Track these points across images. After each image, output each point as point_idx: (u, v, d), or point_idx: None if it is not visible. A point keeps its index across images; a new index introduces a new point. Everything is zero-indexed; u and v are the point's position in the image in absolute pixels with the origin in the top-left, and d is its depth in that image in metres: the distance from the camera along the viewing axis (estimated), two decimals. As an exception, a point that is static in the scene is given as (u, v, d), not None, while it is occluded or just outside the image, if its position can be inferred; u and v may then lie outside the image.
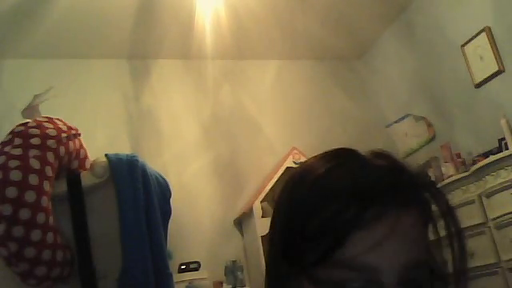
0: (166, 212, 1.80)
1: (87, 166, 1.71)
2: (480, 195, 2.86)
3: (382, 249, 0.47)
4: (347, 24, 4.04)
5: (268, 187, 3.65)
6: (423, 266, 0.49)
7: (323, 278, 0.47)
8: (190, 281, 3.19)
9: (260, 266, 3.38)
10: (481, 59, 3.30)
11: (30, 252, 1.40)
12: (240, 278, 3.49)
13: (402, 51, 4.13)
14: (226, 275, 3.51)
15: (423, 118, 3.91)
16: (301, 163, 0.59)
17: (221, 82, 4.15)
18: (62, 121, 1.69)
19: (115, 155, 1.70)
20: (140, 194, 1.65)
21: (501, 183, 2.68)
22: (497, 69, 3.19)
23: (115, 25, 3.51)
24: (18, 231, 1.39)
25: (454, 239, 0.52)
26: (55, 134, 1.58)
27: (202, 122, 4.00)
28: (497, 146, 3.02)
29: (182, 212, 3.34)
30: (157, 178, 1.80)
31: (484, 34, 3.26)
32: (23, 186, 1.42)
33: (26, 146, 1.50)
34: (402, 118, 4.11)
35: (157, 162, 3.10)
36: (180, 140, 3.89)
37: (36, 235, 1.41)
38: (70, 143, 1.64)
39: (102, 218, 1.61)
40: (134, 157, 1.73)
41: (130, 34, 3.64)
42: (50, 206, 1.49)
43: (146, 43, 3.81)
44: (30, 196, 1.42)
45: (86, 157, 1.74)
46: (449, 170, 3.24)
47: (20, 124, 1.60)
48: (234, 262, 3.56)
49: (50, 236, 1.44)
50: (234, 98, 4.14)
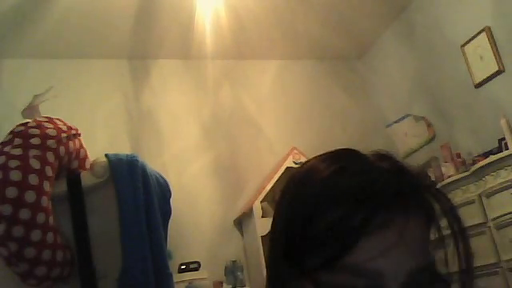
0: (166, 212, 1.80)
1: (87, 166, 1.71)
2: (480, 195, 2.86)
3: (389, 255, 0.47)
4: (347, 24, 4.04)
5: (268, 187, 3.65)
6: (427, 271, 0.49)
7: (326, 282, 0.47)
8: (190, 281, 3.19)
9: (260, 266, 3.38)
10: (481, 59, 3.30)
11: (30, 252, 1.40)
12: (240, 278, 3.49)
13: (402, 51, 4.13)
14: (226, 275, 3.51)
15: (423, 118, 3.91)
16: (302, 164, 0.59)
17: (221, 81, 4.15)
18: (61, 121, 1.69)
19: (115, 155, 1.70)
20: (140, 194, 1.65)
21: (501, 183, 2.68)
22: (497, 69, 3.19)
23: (115, 25, 3.52)
24: (18, 231, 1.39)
25: (459, 239, 0.52)
26: (55, 134, 1.58)
27: (202, 122, 4.00)
28: (497, 146, 3.02)
29: (182, 212, 3.34)
30: (157, 178, 1.80)
31: (484, 34, 3.26)
32: (23, 185, 1.42)
33: (26, 146, 1.50)
34: (402, 118, 4.11)
35: (157, 162, 3.10)
36: (180, 140, 3.89)
37: (36, 235, 1.41)
38: (70, 143, 1.64)
39: (102, 217, 1.61)
40: (134, 157, 1.73)
41: (130, 34, 3.65)
42: (50, 205, 1.49)
43: (145, 43, 3.81)
44: (30, 196, 1.42)
45: (86, 157, 1.74)
46: (449, 169, 3.24)
47: (20, 124, 1.60)
48: (234, 261, 3.56)
49: (49, 236, 1.44)
50: (234, 98, 4.13)
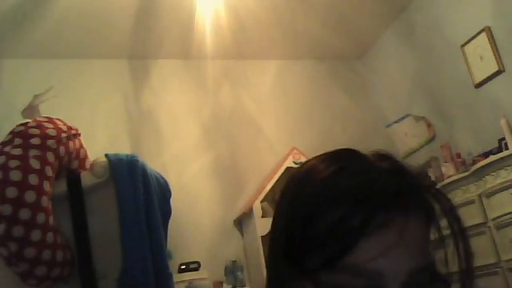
0: (166, 212, 1.80)
1: (87, 166, 1.71)
2: (480, 195, 2.86)
3: (389, 255, 0.47)
4: (347, 24, 4.04)
5: (268, 187, 3.65)
6: (427, 271, 0.49)
7: (326, 283, 0.47)
8: (190, 281, 3.19)
9: (260, 266, 3.38)
10: (481, 59, 3.30)
11: (30, 252, 1.40)
12: (240, 278, 3.49)
13: (402, 51, 4.13)
14: (226, 275, 3.51)
15: (423, 117, 3.91)
16: (302, 164, 0.59)
17: (221, 81, 4.15)
18: (62, 121, 1.69)
19: (115, 155, 1.70)
20: (140, 194, 1.65)
21: (501, 183, 2.68)
22: (497, 69, 3.19)
23: (115, 25, 3.52)
24: (18, 231, 1.39)
25: (459, 239, 0.52)
26: (55, 133, 1.58)
27: (202, 122, 4.00)
28: (497, 146, 3.02)
29: (182, 212, 3.34)
30: (157, 178, 1.80)
31: (484, 34, 3.26)
32: (23, 185, 1.42)
33: (26, 146, 1.50)
34: (402, 118, 4.11)
35: (157, 162, 3.10)
36: (180, 140, 3.89)
37: (36, 235, 1.41)
38: (70, 143, 1.64)
39: (102, 217, 1.61)
40: (134, 157, 1.73)
41: (129, 34, 3.64)
42: (50, 205, 1.49)
43: (145, 43, 3.81)
44: (30, 196, 1.42)
45: (86, 157, 1.74)
46: (449, 169, 3.24)
47: (20, 124, 1.60)
48: (234, 261, 3.56)
49: (49, 236, 1.44)
50: (234, 98, 4.13)
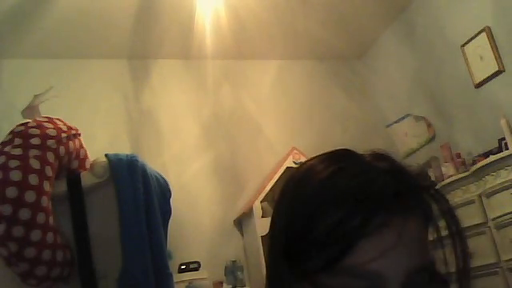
0: (166, 212, 1.80)
1: (87, 166, 1.71)
2: (480, 195, 2.86)
3: (389, 256, 0.47)
4: (347, 24, 4.04)
5: (268, 187, 3.64)
6: (426, 271, 0.49)
7: (326, 284, 0.47)
8: (190, 281, 3.19)
9: (260, 266, 3.38)
10: (481, 59, 3.30)
11: (30, 252, 1.40)
12: (240, 277, 3.49)
13: (402, 51, 4.13)
14: (226, 275, 3.51)
15: (423, 118, 3.91)
16: (300, 164, 0.59)
17: (221, 81, 4.15)
18: (62, 121, 1.69)
19: (115, 155, 1.70)
20: (140, 194, 1.65)
21: (501, 183, 2.68)
22: (497, 69, 3.19)
23: (115, 25, 3.51)
24: (18, 231, 1.39)
25: (457, 240, 0.52)
26: (55, 133, 1.58)
27: (202, 122, 4.00)
28: (497, 146, 3.02)
29: (181, 212, 3.34)
30: (157, 178, 1.80)
31: (484, 34, 3.26)
32: (23, 185, 1.42)
33: (26, 146, 1.50)
34: (402, 118, 4.11)
35: (157, 162, 3.10)
36: (180, 140, 3.89)
37: (36, 235, 1.41)
38: (70, 143, 1.64)
39: (102, 217, 1.61)
40: (134, 157, 1.73)
41: (129, 34, 3.64)
42: (50, 205, 1.49)
43: (145, 43, 3.81)
44: (30, 196, 1.42)
45: (86, 157, 1.74)
46: (449, 169, 3.24)
47: (20, 124, 1.60)
48: (234, 261, 3.56)
49: (50, 236, 1.44)
50: (234, 98, 4.13)
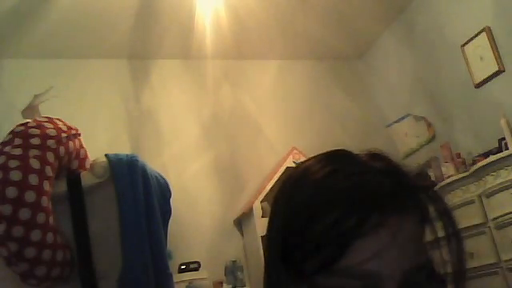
0: (166, 212, 1.80)
1: (87, 166, 1.71)
2: (480, 195, 2.86)
3: (384, 256, 0.47)
4: (347, 24, 4.04)
5: (268, 187, 3.64)
6: (424, 270, 0.49)
7: (323, 285, 0.47)
8: (190, 281, 3.19)
9: (260, 266, 3.37)
10: (481, 59, 3.30)
11: (30, 252, 1.40)
12: (240, 277, 3.49)
13: (402, 51, 4.13)
14: (226, 275, 3.51)
15: (423, 118, 3.91)
16: (298, 164, 0.59)
17: (221, 81, 4.15)
18: (62, 121, 1.69)
19: (115, 155, 1.70)
20: (140, 194, 1.65)
21: (501, 183, 2.68)
22: (497, 69, 3.19)
23: (115, 25, 3.51)
24: (18, 231, 1.39)
25: (452, 241, 0.52)
26: (55, 134, 1.58)
27: (202, 122, 4.00)
28: (497, 146, 3.02)
29: (181, 212, 3.34)
30: (157, 178, 1.80)
31: (484, 34, 3.26)
32: (23, 185, 1.42)
33: (26, 146, 1.50)
34: (402, 118, 4.11)
35: (157, 162, 3.10)
36: (180, 140, 3.89)
37: (36, 235, 1.41)
38: (70, 143, 1.64)
39: (102, 217, 1.61)
40: (134, 157, 1.73)
41: (129, 34, 3.64)
42: (50, 205, 1.49)
43: (145, 43, 3.81)
44: (30, 196, 1.42)
45: (86, 157, 1.74)
46: (449, 169, 3.24)
47: (20, 124, 1.60)
48: (234, 261, 3.56)
49: (50, 236, 1.44)
50: (234, 98, 4.13)
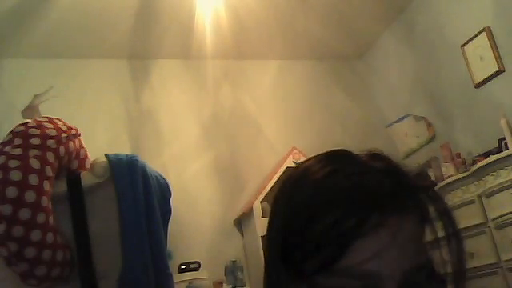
0: (166, 212, 1.80)
1: (87, 166, 1.71)
2: (480, 195, 2.86)
3: (384, 256, 0.47)
4: (347, 24, 4.04)
5: (268, 187, 3.64)
6: (424, 270, 0.49)
7: (323, 285, 0.47)
8: (190, 281, 3.19)
9: (260, 266, 3.37)
10: (481, 59, 3.30)
11: (30, 252, 1.40)
12: (240, 277, 3.49)
13: (402, 51, 4.13)
14: (226, 275, 3.51)
15: (423, 118, 3.91)
16: (298, 164, 0.59)
17: (221, 81, 4.15)
18: (61, 121, 1.69)
19: (115, 155, 1.70)
20: (140, 194, 1.65)
21: (501, 183, 2.68)
22: (497, 69, 3.19)
23: (115, 25, 3.51)
24: (18, 231, 1.39)
25: (452, 241, 0.52)
26: (55, 134, 1.58)
27: (202, 122, 4.00)
28: (497, 146, 3.02)
29: (181, 212, 3.34)
30: (157, 178, 1.80)
31: (484, 33, 3.26)
32: (23, 186, 1.42)
33: (26, 146, 1.50)
34: (402, 118, 4.11)
35: (157, 162, 3.10)
36: (180, 140, 3.89)
37: (36, 235, 1.41)
38: (70, 143, 1.64)
39: (102, 217, 1.61)
40: (134, 157, 1.73)
41: (129, 34, 3.64)
42: (50, 205, 1.49)
43: (145, 43, 3.81)
44: (30, 196, 1.42)
45: (86, 157, 1.74)
46: (449, 169, 3.24)
47: (20, 124, 1.60)
48: (234, 261, 3.56)
49: (49, 236, 1.44)
50: (234, 98, 4.13)
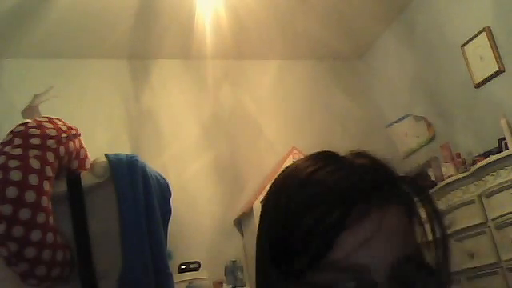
0: (166, 212, 1.80)
1: (87, 166, 1.71)
2: (480, 195, 2.86)
3: (370, 247, 0.47)
4: (347, 24, 4.04)
5: (268, 187, 3.64)
6: (412, 260, 0.49)
7: (313, 281, 0.47)
8: (190, 281, 3.19)
9: (260, 266, 3.37)
10: (481, 59, 3.30)
11: (30, 252, 1.40)
12: (240, 278, 3.49)
13: (402, 51, 4.13)
14: (226, 275, 3.51)
15: (423, 118, 3.91)
16: (286, 167, 0.59)
17: (221, 81, 4.15)
18: (61, 121, 1.69)
19: (115, 155, 1.70)
20: (140, 194, 1.65)
21: (501, 183, 2.68)
22: (497, 69, 3.19)
23: (115, 25, 3.51)
24: (18, 231, 1.39)
25: (435, 224, 0.52)
26: (55, 134, 1.58)
27: (202, 122, 4.00)
28: (497, 146, 3.02)
29: (181, 212, 3.34)
30: (157, 178, 1.80)
31: (484, 34, 3.26)
32: (23, 185, 1.42)
33: (26, 146, 1.50)
34: (402, 118, 4.11)
35: (157, 162, 3.10)
36: (180, 140, 3.89)
37: (36, 235, 1.41)
38: (70, 143, 1.64)
39: (102, 217, 1.61)
40: (134, 157, 1.73)
41: (129, 34, 3.64)
42: (50, 205, 1.49)
43: (145, 43, 3.81)
44: (30, 196, 1.42)
45: (86, 157, 1.74)
46: (449, 169, 3.24)
47: (20, 124, 1.60)
48: (234, 261, 3.56)
49: (49, 236, 1.44)
50: (234, 98, 4.13)
